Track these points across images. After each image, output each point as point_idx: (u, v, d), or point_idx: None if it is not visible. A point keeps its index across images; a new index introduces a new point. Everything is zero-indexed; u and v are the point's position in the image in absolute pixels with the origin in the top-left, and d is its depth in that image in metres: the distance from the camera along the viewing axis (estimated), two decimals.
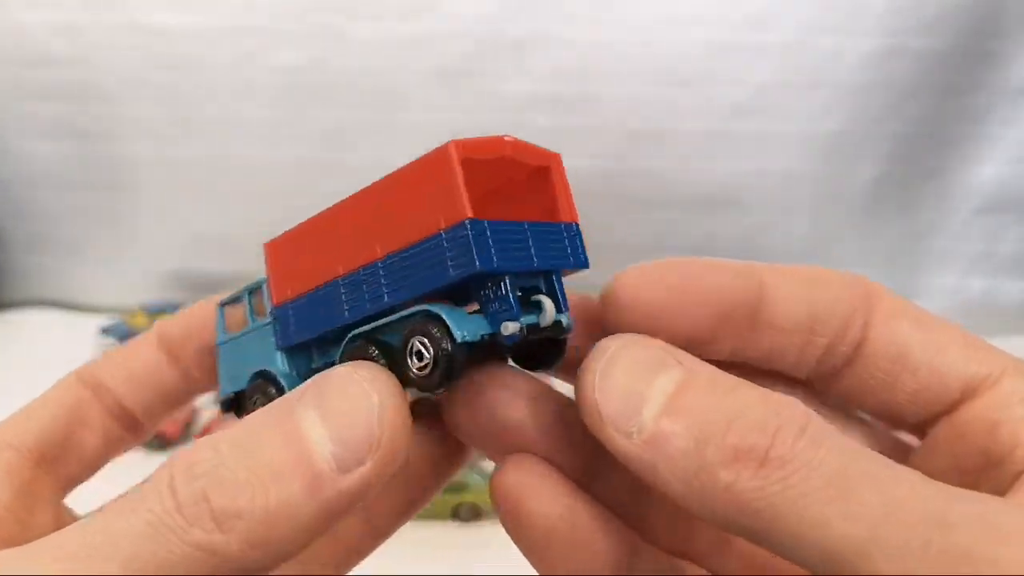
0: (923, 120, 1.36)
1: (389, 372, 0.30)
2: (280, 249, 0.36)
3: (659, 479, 0.26)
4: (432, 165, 0.29)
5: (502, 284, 0.29)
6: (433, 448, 0.38)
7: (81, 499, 0.39)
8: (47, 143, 1.33)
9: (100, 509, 0.27)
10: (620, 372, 0.27)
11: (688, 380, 0.27)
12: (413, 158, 0.30)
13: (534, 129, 1.48)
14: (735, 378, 0.27)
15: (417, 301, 0.30)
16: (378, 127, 1.29)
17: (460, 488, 0.96)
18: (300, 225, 0.35)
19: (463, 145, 0.29)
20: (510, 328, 0.29)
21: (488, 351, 0.33)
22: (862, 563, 0.22)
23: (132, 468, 0.39)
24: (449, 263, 0.28)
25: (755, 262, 0.32)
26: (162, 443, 1.04)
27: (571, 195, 0.33)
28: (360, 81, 1.27)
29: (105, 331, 1.27)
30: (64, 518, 0.38)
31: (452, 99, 1.28)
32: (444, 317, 0.29)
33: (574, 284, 0.33)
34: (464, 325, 0.29)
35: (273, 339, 0.36)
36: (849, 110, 1.34)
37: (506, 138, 0.31)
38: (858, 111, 1.34)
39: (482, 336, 0.29)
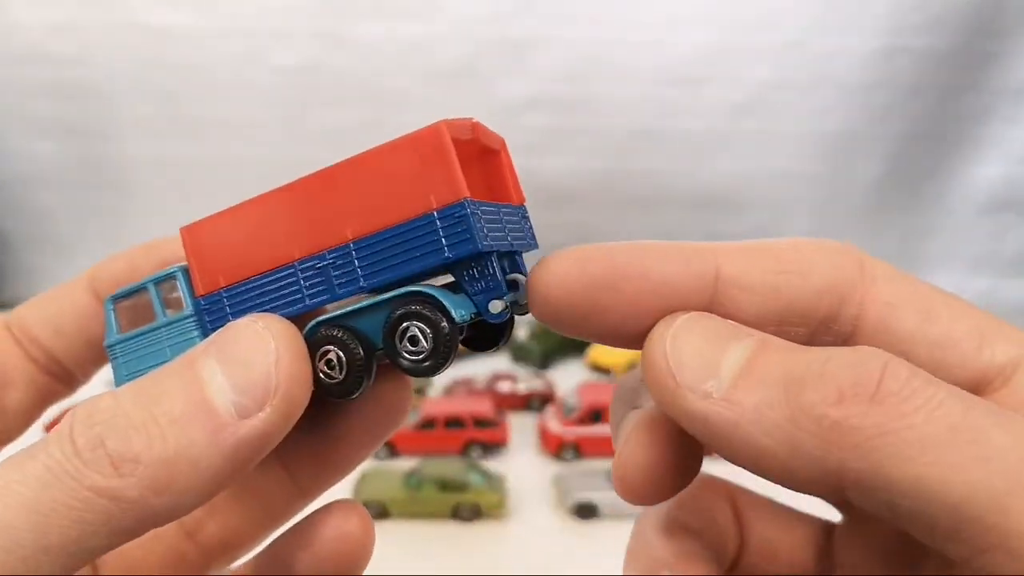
0: (925, 120, 1.36)
1: (288, 321, 0.29)
2: (204, 234, 0.34)
3: (739, 436, 0.24)
4: (420, 144, 0.28)
5: (489, 264, 0.29)
6: (366, 410, 0.37)
7: None
8: (46, 142, 1.33)
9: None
10: (693, 336, 0.26)
11: (765, 344, 0.25)
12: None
13: (534, 130, 1.48)
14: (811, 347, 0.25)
15: (398, 284, 0.29)
16: (378, 127, 1.28)
17: (460, 488, 0.96)
18: (232, 209, 0.33)
19: (450, 125, 0.28)
20: (498, 306, 0.28)
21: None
22: (994, 517, 0.20)
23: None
24: (444, 244, 0.28)
25: (716, 244, 0.29)
26: None
27: (518, 178, 0.33)
28: (360, 82, 1.27)
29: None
30: None
31: (452, 99, 1.28)
32: (439, 298, 0.28)
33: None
34: (459, 305, 0.28)
35: (196, 334, 0.34)
36: (850, 110, 1.34)
37: (473, 120, 0.30)
38: (859, 111, 1.34)
39: (471, 316, 0.29)
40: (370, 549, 0.38)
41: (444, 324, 0.28)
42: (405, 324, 0.29)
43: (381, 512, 0.93)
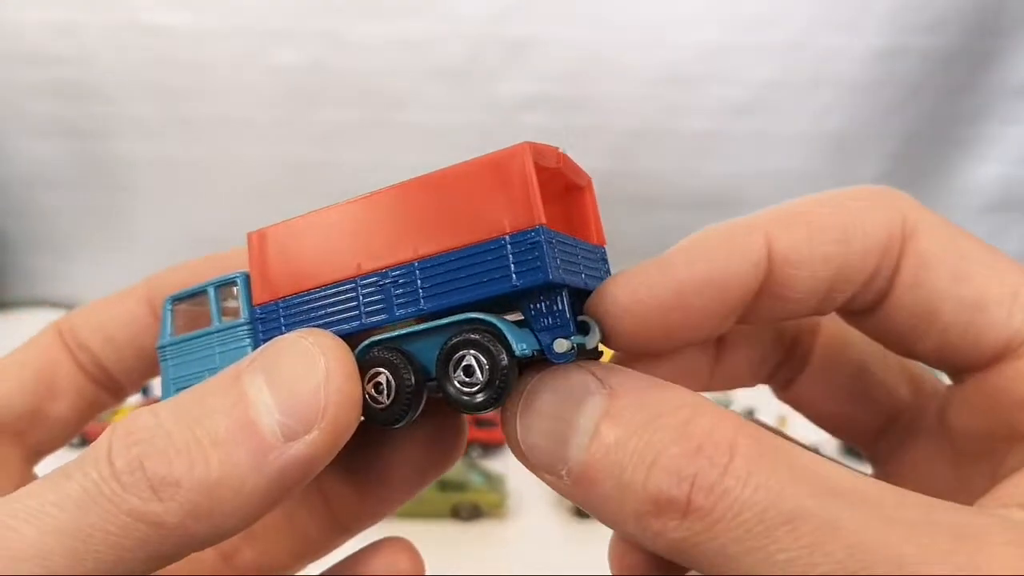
0: (925, 119, 1.36)
1: (338, 339, 0.28)
2: (269, 241, 0.32)
3: (592, 511, 0.26)
4: (501, 164, 0.26)
5: (559, 299, 0.27)
6: (414, 450, 0.36)
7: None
8: (46, 142, 1.33)
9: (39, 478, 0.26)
10: (540, 411, 0.26)
11: (610, 408, 0.25)
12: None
13: (534, 129, 1.48)
14: (660, 391, 0.25)
15: (460, 311, 0.28)
16: (377, 127, 1.28)
17: (460, 487, 0.96)
18: (299, 218, 0.32)
19: (534, 148, 0.27)
20: (564, 346, 0.26)
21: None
22: None
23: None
24: (513, 270, 0.26)
25: (762, 218, 0.29)
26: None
27: (600, 219, 0.32)
28: (359, 81, 1.27)
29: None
30: None
31: (451, 99, 1.27)
32: (501, 328, 0.26)
33: None
34: (521, 339, 0.26)
35: (247, 343, 0.32)
36: (850, 109, 1.34)
37: (560, 150, 0.29)
38: (860, 110, 1.34)
39: (533, 352, 0.27)
40: None
41: (503, 356, 0.26)
42: (461, 352, 0.27)
43: None
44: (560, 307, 0.27)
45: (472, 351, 0.27)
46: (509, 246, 0.26)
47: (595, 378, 0.26)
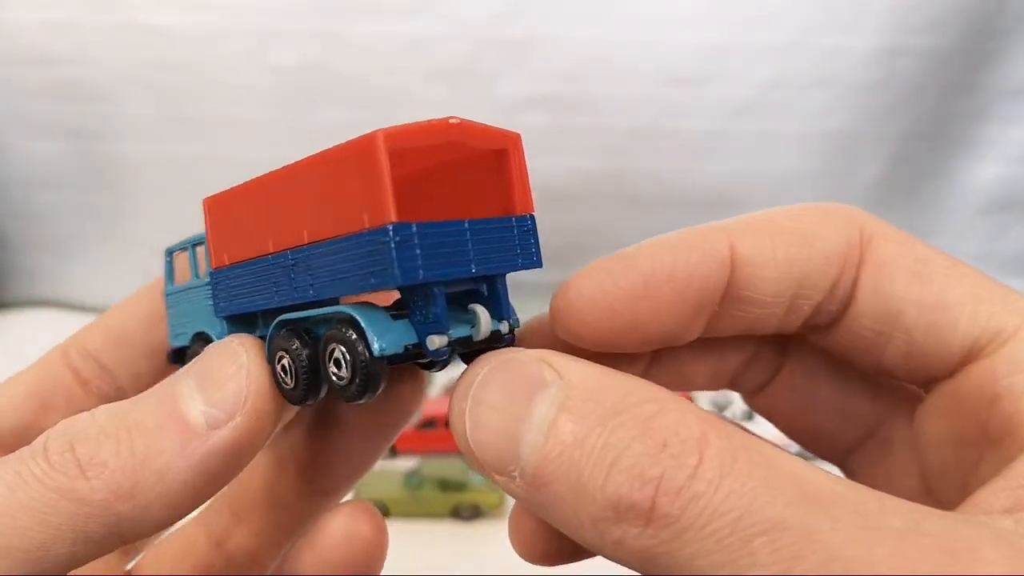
0: (924, 120, 1.36)
1: (259, 340, 0.30)
2: (221, 207, 0.33)
3: (546, 515, 0.24)
4: (358, 154, 0.26)
5: (431, 295, 0.26)
6: (376, 405, 0.37)
7: None
8: (46, 142, 1.33)
9: None
10: (490, 404, 0.25)
11: (565, 401, 0.24)
12: None
13: (534, 129, 1.48)
14: (620, 383, 0.24)
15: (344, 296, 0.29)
16: (378, 127, 1.28)
17: (460, 487, 0.96)
18: (245, 184, 0.32)
19: (394, 135, 0.25)
20: (436, 343, 0.26)
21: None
22: None
23: None
24: (370, 271, 0.25)
25: (725, 223, 0.29)
26: None
27: (528, 182, 0.29)
28: (360, 81, 1.27)
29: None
30: None
31: (452, 99, 1.27)
32: (363, 325, 0.26)
33: (537, 278, 0.30)
34: (385, 336, 0.26)
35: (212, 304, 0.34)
36: (850, 110, 1.34)
37: (451, 120, 0.28)
38: (859, 111, 1.34)
39: (406, 347, 0.26)
40: (383, 548, 0.38)
41: (363, 352, 0.26)
42: (331, 345, 0.27)
43: (381, 511, 0.93)
44: (432, 303, 0.26)
45: (338, 345, 0.27)
46: (367, 244, 0.25)
47: (551, 368, 0.25)
